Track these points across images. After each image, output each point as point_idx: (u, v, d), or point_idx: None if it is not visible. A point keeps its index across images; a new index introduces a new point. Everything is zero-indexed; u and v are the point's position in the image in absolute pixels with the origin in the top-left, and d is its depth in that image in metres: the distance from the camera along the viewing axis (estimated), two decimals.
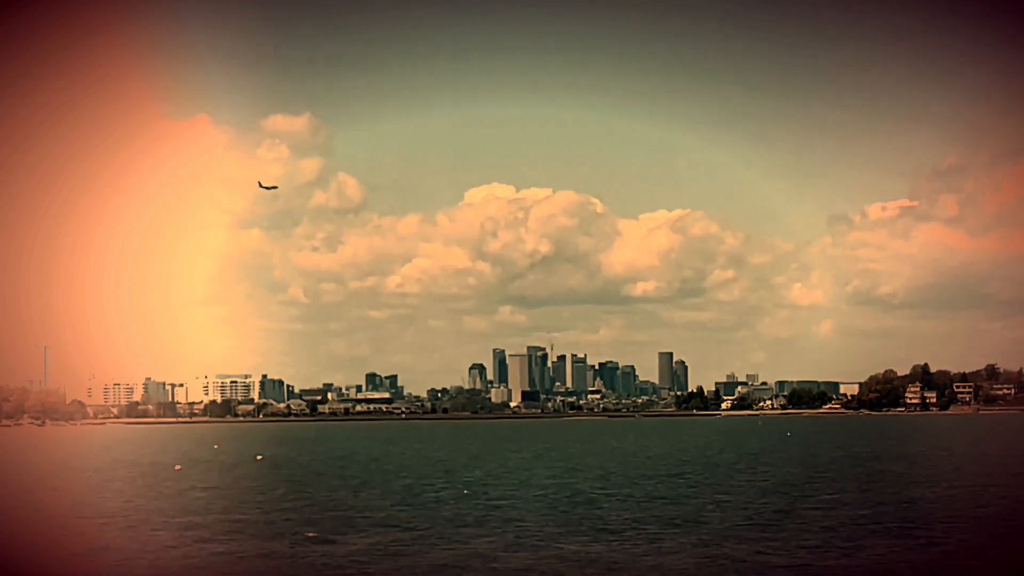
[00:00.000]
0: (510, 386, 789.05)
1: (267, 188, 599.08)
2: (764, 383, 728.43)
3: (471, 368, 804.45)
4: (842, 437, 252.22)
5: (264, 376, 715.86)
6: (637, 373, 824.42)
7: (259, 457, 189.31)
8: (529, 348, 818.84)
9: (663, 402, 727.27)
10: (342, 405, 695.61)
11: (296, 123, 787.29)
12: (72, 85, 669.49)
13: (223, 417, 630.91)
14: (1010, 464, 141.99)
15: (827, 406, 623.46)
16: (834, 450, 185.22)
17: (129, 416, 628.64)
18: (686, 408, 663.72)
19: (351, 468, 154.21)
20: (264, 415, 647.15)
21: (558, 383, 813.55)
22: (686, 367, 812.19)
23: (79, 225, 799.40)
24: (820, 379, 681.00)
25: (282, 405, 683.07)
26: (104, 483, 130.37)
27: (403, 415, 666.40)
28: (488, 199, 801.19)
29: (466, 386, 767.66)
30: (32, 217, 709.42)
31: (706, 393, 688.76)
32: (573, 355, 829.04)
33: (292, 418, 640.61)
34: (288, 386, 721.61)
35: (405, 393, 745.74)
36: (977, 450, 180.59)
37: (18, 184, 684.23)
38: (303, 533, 77.49)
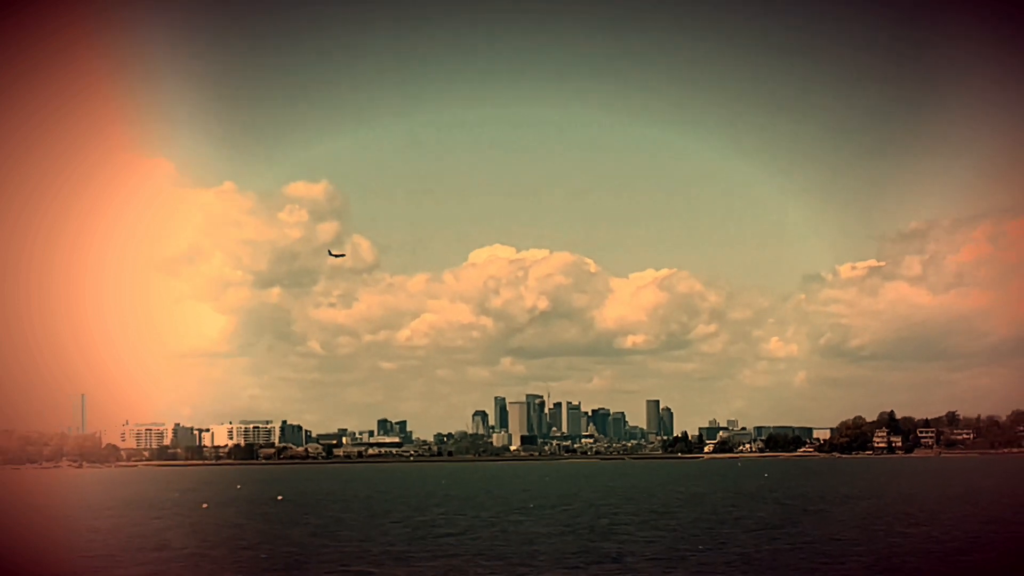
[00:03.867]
0: (510, 431, 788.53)
1: (336, 256, 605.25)
2: (744, 428, 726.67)
3: (474, 414, 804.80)
4: (804, 478, 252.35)
5: (284, 422, 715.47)
6: (627, 419, 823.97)
7: (279, 497, 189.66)
8: (528, 396, 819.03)
9: (651, 446, 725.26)
10: (356, 449, 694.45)
11: (315, 190, 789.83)
12: (85, 157, 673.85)
13: (246, 460, 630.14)
14: (938, 505, 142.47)
15: (801, 450, 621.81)
16: (782, 490, 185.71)
17: (159, 459, 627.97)
18: (671, 451, 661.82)
19: (344, 506, 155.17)
20: (284, 458, 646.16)
21: (554, 428, 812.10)
22: (672, 413, 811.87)
23: (119, 284, 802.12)
24: (795, 425, 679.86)
25: (300, 449, 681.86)
26: (132, 520, 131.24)
27: (412, 458, 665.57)
28: (491, 259, 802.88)
29: (470, 431, 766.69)
30: (70, 272, 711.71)
31: (690, 437, 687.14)
32: (568, 402, 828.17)
33: (309, 461, 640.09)
34: (306, 431, 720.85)
35: (414, 437, 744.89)
36: (915, 490, 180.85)
37: (50, 241, 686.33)
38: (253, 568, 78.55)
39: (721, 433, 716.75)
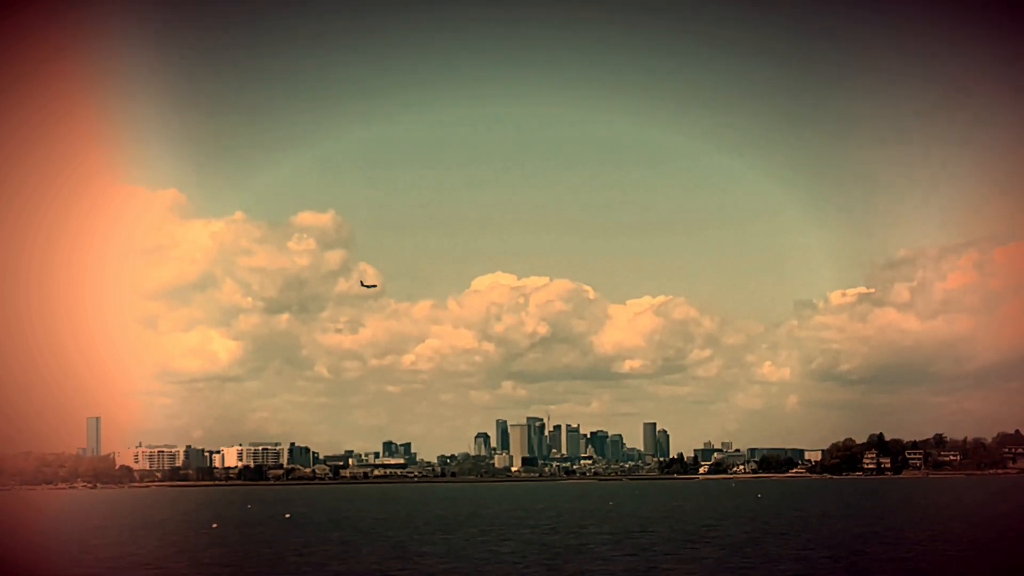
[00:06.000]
0: (511, 453, 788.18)
1: (368, 286, 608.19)
2: (737, 450, 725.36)
3: (477, 436, 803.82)
4: (790, 497, 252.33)
5: (292, 444, 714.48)
6: (624, 441, 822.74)
7: (287, 516, 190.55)
8: (528, 419, 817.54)
9: (647, 467, 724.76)
10: (362, 470, 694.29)
11: (322, 219, 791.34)
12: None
13: (255, 481, 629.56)
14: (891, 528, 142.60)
15: (793, 470, 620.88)
16: (764, 508, 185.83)
17: (172, 480, 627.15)
18: (667, 472, 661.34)
19: (341, 524, 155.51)
20: (292, 479, 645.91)
21: (554, 450, 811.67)
22: (668, 436, 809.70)
23: (133, 310, 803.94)
24: (787, 446, 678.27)
25: (308, 470, 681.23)
26: (134, 538, 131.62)
27: (416, 479, 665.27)
28: (493, 286, 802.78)
29: (472, 452, 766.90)
30: (87, 300, 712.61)
31: (685, 459, 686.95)
32: (567, 425, 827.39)
33: (317, 481, 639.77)
34: (314, 452, 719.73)
35: (418, 459, 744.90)
36: (890, 510, 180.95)
37: (65, 267, 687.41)
38: None
39: (715, 455, 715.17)
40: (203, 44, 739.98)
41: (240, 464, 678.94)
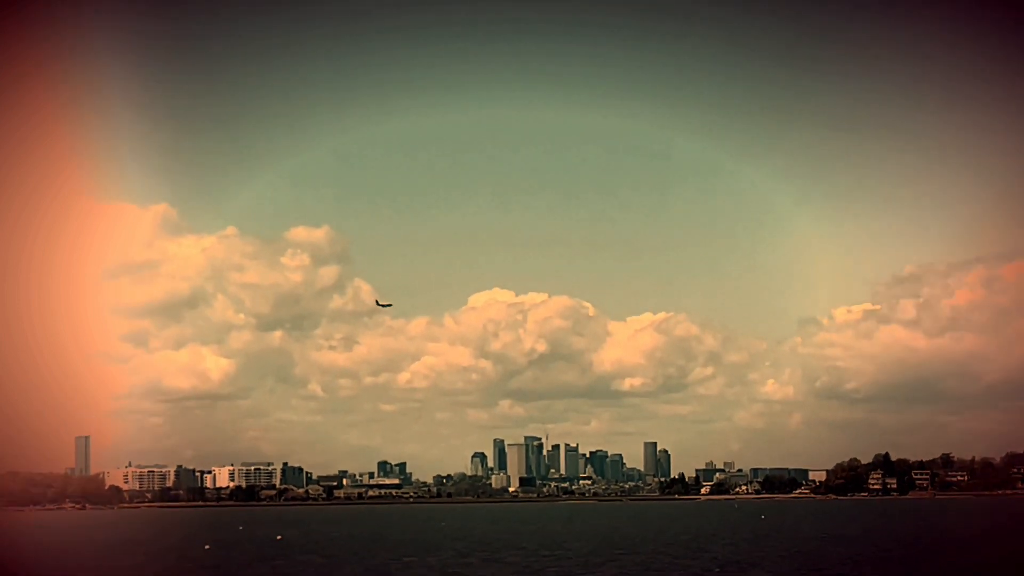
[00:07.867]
0: (509, 473, 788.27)
1: (383, 305, 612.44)
2: (740, 470, 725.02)
3: (473, 456, 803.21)
4: (788, 519, 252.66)
5: (285, 464, 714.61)
6: (624, 461, 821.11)
7: (279, 537, 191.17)
8: (526, 438, 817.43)
9: (648, 487, 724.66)
10: (356, 490, 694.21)
11: (316, 235, 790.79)
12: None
13: (248, 501, 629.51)
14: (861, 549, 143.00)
15: (797, 491, 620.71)
16: (755, 530, 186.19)
17: (162, 500, 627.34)
18: (669, 493, 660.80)
19: (326, 548, 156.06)
20: (285, 499, 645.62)
21: (552, 470, 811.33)
22: (669, 455, 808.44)
23: (121, 327, 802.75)
24: (791, 466, 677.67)
25: (301, 490, 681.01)
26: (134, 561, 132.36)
27: (411, 499, 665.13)
28: (490, 303, 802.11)
29: (469, 473, 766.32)
30: (73, 317, 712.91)
31: (687, 479, 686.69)
32: (566, 444, 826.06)
33: (310, 502, 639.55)
34: (307, 473, 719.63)
35: (413, 479, 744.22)
36: (882, 532, 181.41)
37: (55, 285, 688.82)
38: None
39: (718, 475, 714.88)
40: (193, 57, 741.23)
41: (232, 484, 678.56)
